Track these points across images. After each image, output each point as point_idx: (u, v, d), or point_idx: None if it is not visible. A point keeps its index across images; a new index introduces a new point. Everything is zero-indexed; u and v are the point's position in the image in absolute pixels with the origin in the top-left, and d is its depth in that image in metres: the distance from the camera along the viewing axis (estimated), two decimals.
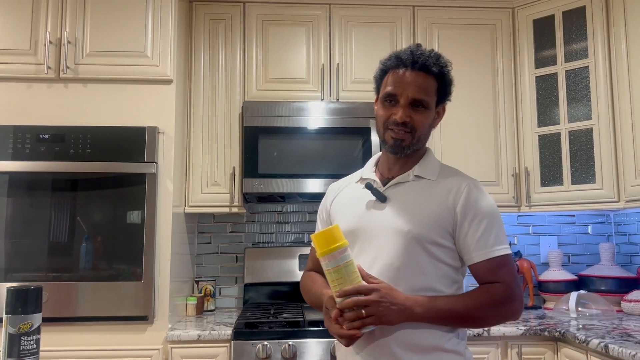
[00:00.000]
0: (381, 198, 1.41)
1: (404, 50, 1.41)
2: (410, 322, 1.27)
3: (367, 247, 1.38)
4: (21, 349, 1.06)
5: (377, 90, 1.46)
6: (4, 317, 1.07)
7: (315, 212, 3.05)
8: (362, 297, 1.21)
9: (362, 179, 1.50)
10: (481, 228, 1.33)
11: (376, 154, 1.55)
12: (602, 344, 1.92)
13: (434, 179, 1.42)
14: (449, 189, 1.38)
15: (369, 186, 1.45)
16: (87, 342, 2.20)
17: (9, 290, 1.07)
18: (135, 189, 2.27)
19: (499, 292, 1.31)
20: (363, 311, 1.21)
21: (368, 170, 1.51)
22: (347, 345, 1.27)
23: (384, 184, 1.44)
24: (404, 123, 1.37)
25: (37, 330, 1.10)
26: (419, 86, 1.36)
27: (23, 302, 1.08)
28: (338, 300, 1.24)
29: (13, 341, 1.06)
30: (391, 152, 1.43)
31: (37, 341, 1.09)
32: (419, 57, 1.37)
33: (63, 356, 2.16)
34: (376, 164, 1.53)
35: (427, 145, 1.51)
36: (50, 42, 2.33)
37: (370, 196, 1.43)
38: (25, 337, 1.07)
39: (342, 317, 1.23)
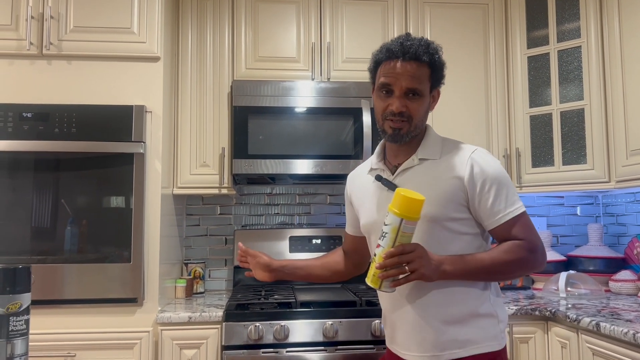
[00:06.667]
0: (391, 187, 1.46)
1: (394, 42, 1.45)
2: (444, 280, 1.36)
3: None
4: (10, 329, 1.02)
5: (373, 81, 1.51)
6: None
7: (305, 193, 3.04)
8: (406, 255, 1.26)
9: (372, 170, 1.57)
10: (491, 195, 1.40)
11: (382, 141, 1.58)
12: (594, 322, 1.93)
13: (438, 157, 1.47)
14: (453, 164, 1.44)
15: (378, 178, 1.51)
16: (75, 325, 2.16)
17: None
18: (122, 170, 2.22)
19: (520, 246, 1.39)
20: (406, 267, 1.26)
21: (376, 160, 1.56)
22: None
23: (393, 172, 1.50)
24: (400, 113, 1.41)
25: (27, 311, 1.06)
26: (412, 76, 1.41)
27: (11, 282, 1.04)
28: (379, 254, 1.28)
29: (1, 322, 1.02)
30: (391, 142, 1.48)
31: (27, 321, 1.06)
32: (409, 47, 1.41)
33: (52, 339, 2.12)
34: (383, 152, 1.57)
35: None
36: (32, 17, 2.25)
37: (382, 187, 1.50)
38: (15, 318, 1.03)
39: (386, 274, 1.27)
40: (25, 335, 1.05)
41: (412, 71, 1.41)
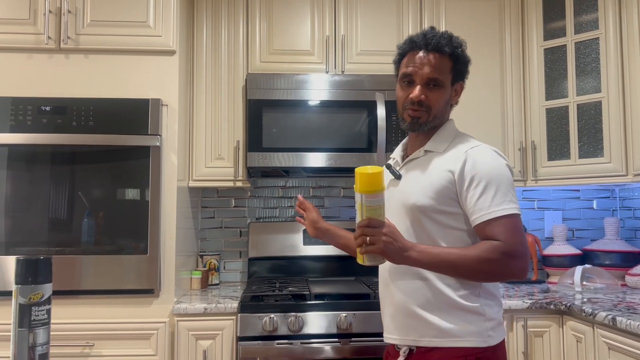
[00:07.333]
0: (396, 176, 1.52)
1: (418, 34, 1.50)
2: (409, 265, 1.37)
3: None
4: (32, 319, 1.04)
5: (397, 73, 1.56)
6: (14, 287, 1.05)
7: (319, 186, 3.04)
8: (370, 229, 1.30)
9: (392, 159, 1.63)
10: (477, 192, 1.38)
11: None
12: (610, 317, 1.92)
13: (442, 150, 1.49)
14: (450, 157, 1.45)
15: (387, 166, 1.56)
16: (93, 315, 2.19)
17: (18, 260, 1.05)
18: (139, 162, 2.24)
19: (494, 247, 1.34)
20: (367, 239, 1.29)
21: (399, 150, 1.62)
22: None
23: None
24: (419, 102, 1.45)
25: (48, 301, 1.08)
26: (433, 66, 1.45)
27: (33, 272, 1.05)
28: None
29: (24, 311, 1.04)
30: (409, 130, 1.52)
31: (48, 311, 1.08)
32: (432, 39, 1.46)
33: (70, 329, 2.16)
34: (407, 143, 1.63)
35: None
36: (49, 11, 2.27)
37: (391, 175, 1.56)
38: (36, 308, 1.05)
39: (355, 243, 1.34)
40: (46, 325, 1.07)
41: (433, 62, 1.45)
